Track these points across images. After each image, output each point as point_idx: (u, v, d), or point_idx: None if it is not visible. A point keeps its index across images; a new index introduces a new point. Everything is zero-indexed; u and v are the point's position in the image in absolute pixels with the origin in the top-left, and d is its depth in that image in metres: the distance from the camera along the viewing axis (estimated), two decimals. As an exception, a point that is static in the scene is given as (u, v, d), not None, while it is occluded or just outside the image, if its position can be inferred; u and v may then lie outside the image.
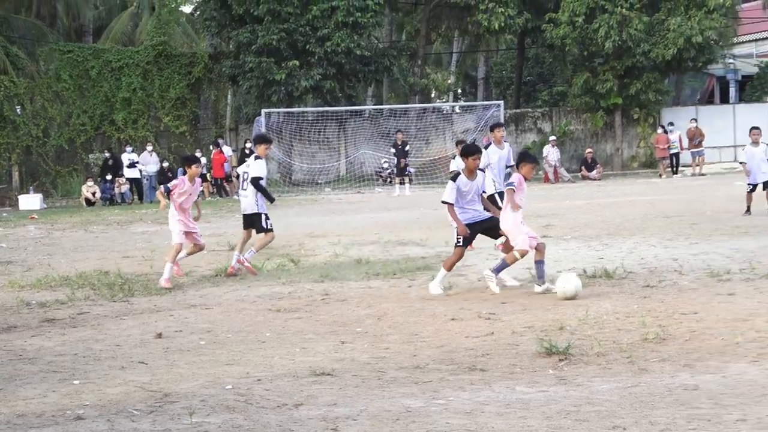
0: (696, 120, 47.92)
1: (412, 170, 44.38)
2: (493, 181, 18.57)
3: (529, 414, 7.80)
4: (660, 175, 45.48)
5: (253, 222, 17.67)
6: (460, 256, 14.57)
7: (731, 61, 59.86)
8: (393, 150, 43.26)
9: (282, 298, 14.55)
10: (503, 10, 48.87)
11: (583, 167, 48.03)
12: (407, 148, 43.05)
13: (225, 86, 53.59)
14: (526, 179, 14.29)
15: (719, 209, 25.35)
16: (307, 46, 47.40)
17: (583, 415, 7.68)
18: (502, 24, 49.17)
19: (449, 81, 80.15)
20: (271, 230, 17.61)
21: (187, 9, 69.39)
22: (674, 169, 46.47)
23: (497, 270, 13.97)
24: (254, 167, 17.60)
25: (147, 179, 45.09)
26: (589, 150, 49.24)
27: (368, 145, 49.61)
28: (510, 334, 11.10)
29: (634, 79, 48.91)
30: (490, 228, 14.52)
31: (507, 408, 8.01)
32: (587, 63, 49.97)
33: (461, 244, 14.38)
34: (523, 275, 15.17)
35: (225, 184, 44.92)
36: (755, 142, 24.17)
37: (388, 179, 45.95)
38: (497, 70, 70.34)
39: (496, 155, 19.23)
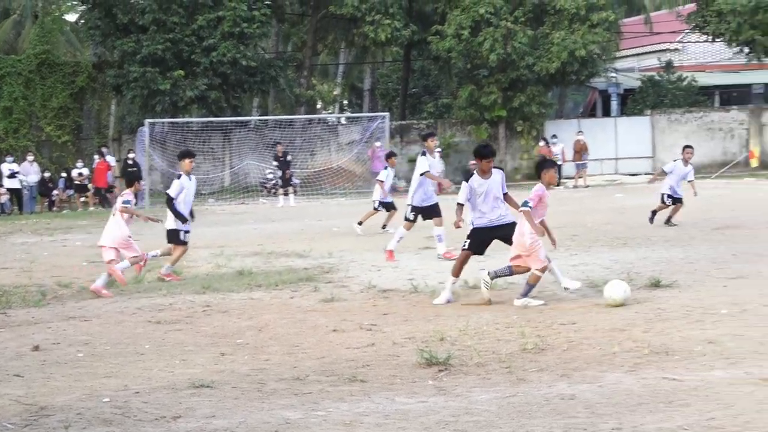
0: (582, 132, 48.59)
1: (296, 181, 44.28)
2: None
3: (408, 425, 7.82)
4: (542, 187, 45.86)
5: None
6: (465, 260, 14.35)
7: (613, 74, 60.74)
8: (275, 163, 43.09)
9: (162, 309, 14.40)
10: (390, 22, 49.05)
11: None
12: (289, 158, 42.89)
13: (109, 96, 52.95)
14: (549, 186, 13.99)
15: (600, 221, 25.74)
16: (193, 56, 47.14)
17: (461, 426, 7.72)
18: (389, 36, 49.30)
19: (335, 92, 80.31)
20: (185, 243, 17.93)
21: (71, 17, 68.55)
22: (556, 181, 47.05)
23: (524, 294, 13.45)
24: (172, 186, 17.97)
25: (28, 189, 44.29)
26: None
27: (253, 155, 49.36)
28: (391, 345, 11.13)
29: (518, 91, 49.35)
30: (507, 236, 14.11)
31: (386, 419, 8.03)
32: (472, 75, 50.34)
33: (467, 247, 14.29)
34: (423, 288, 15.24)
35: (108, 194, 44.33)
36: (686, 161, 24.22)
37: (273, 190, 45.75)
38: (383, 81, 70.54)
39: (426, 163, 19.51)
